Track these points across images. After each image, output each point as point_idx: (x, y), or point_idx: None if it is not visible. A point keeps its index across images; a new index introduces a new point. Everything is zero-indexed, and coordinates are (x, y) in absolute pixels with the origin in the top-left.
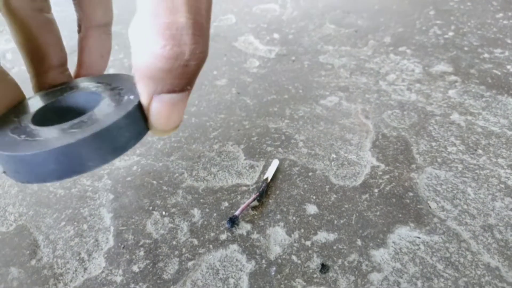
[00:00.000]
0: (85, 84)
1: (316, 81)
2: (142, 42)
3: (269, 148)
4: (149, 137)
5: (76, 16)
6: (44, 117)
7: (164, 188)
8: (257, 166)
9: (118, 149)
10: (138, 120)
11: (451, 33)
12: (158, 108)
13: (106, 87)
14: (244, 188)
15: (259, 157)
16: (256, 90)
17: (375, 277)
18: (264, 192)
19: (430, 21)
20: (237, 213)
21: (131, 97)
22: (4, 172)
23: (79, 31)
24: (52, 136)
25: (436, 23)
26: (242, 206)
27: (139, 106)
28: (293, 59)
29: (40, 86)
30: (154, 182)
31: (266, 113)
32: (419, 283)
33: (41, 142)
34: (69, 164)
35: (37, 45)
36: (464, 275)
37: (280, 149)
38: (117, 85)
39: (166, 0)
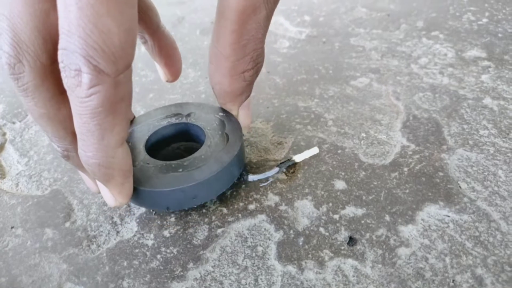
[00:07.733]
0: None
1: (346, 62)
2: (229, 71)
3: (298, 126)
4: None
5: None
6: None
7: None
8: (286, 143)
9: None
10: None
11: (485, 20)
12: (245, 113)
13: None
14: (272, 162)
15: (288, 133)
16: (286, 70)
17: (403, 251)
18: (287, 168)
19: (463, 7)
20: (253, 178)
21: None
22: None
23: (145, 41)
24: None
25: (470, 9)
26: (261, 175)
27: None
28: (324, 40)
29: None
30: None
31: (296, 92)
32: (447, 259)
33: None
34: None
35: None
36: (494, 254)
37: (309, 127)
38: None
39: (255, 36)
